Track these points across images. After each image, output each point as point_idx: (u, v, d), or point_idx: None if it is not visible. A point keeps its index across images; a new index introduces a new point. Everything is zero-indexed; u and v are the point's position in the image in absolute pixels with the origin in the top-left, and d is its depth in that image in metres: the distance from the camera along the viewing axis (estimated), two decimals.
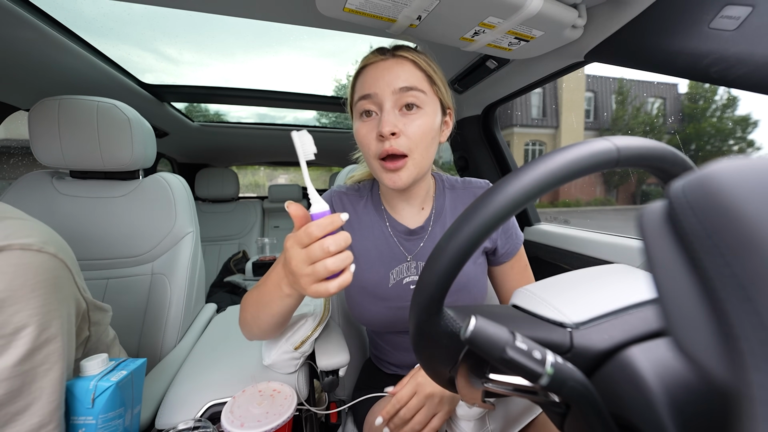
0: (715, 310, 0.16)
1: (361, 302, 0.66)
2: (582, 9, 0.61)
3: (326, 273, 0.39)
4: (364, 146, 0.58)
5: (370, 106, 0.56)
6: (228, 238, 2.50)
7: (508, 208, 0.27)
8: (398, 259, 0.66)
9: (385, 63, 0.57)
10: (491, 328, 0.24)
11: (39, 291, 0.43)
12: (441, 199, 0.68)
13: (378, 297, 0.65)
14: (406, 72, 0.56)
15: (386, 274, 0.65)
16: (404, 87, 0.54)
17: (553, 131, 12.46)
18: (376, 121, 0.56)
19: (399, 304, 0.64)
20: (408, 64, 0.56)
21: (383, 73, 0.56)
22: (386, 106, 0.55)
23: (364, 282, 0.66)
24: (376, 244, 0.66)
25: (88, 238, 0.90)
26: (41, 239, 0.46)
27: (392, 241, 0.66)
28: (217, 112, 2.12)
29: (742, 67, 0.47)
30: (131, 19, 1.15)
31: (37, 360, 0.42)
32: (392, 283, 0.65)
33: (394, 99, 0.55)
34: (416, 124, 0.55)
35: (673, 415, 0.24)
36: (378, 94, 0.55)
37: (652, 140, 0.30)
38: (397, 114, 0.55)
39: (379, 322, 0.67)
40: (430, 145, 0.57)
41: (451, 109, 0.63)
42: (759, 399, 0.14)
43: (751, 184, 0.15)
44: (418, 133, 0.55)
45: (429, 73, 0.58)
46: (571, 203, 9.87)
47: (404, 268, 0.65)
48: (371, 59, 0.58)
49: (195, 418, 0.58)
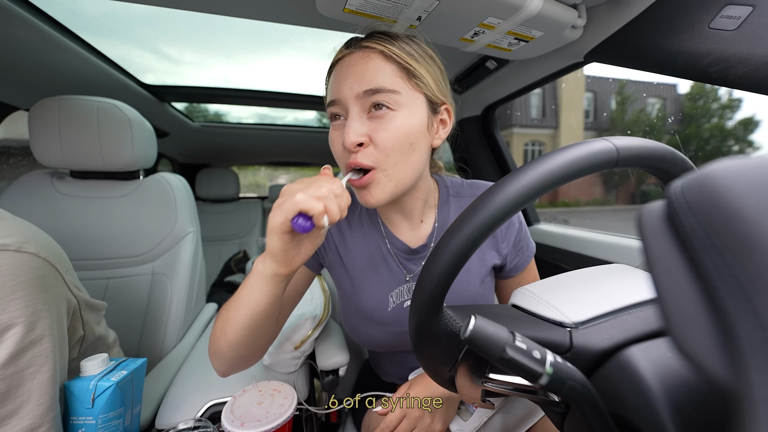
0: (715, 310, 0.16)
1: (358, 326, 0.60)
2: (582, 9, 0.61)
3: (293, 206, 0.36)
4: (335, 155, 0.50)
5: (338, 110, 0.48)
6: (228, 238, 2.50)
7: (508, 208, 0.27)
8: (398, 280, 0.59)
9: (350, 58, 0.47)
10: (491, 328, 0.24)
11: (21, 292, 0.42)
12: (445, 210, 0.59)
13: (376, 322, 0.59)
14: (372, 69, 0.45)
15: (385, 297, 0.58)
16: (369, 90, 0.45)
17: (553, 131, 12.47)
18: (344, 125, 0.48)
19: (399, 329, 0.59)
20: (375, 56, 0.46)
21: (347, 72, 0.47)
22: (352, 112, 0.46)
23: (361, 306, 0.59)
24: (373, 263, 0.59)
25: (89, 238, 0.90)
26: (20, 239, 0.44)
27: (391, 260, 0.59)
28: (217, 113, 2.12)
29: (742, 67, 0.47)
30: (131, 19, 1.15)
31: (24, 362, 0.41)
32: (392, 307, 0.58)
33: (359, 104, 0.46)
34: (387, 129, 0.45)
35: (672, 415, 0.24)
36: (341, 99, 0.47)
37: (651, 140, 0.30)
38: (365, 119, 0.46)
39: (377, 345, 0.62)
40: (408, 153, 0.47)
41: (447, 104, 0.52)
42: (759, 399, 0.14)
43: (751, 184, 0.15)
44: (389, 141, 0.45)
45: (405, 64, 0.46)
46: (570, 203, 9.87)
47: (405, 290, 0.58)
48: (338, 54, 0.50)
49: (195, 418, 0.58)
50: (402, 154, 0.47)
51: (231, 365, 0.50)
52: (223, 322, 0.46)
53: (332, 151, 0.51)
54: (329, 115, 0.51)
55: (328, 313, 0.77)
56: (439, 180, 0.63)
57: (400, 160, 0.47)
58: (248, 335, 0.45)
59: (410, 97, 0.47)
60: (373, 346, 0.63)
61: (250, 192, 3.23)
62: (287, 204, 0.36)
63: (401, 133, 0.46)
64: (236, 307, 0.44)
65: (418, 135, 0.48)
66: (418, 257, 0.59)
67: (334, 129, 0.50)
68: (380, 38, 0.47)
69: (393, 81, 0.46)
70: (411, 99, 0.47)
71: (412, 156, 0.48)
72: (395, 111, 0.46)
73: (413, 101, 0.47)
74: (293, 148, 2.44)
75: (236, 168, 2.86)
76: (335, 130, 0.49)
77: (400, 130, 0.46)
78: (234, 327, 0.45)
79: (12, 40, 0.82)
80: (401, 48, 0.47)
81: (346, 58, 0.48)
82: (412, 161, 0.48)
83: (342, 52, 0.49)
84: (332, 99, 0.48)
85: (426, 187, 0.57)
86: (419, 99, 0.48)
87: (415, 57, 0.48)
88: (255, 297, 0.43)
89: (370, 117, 0.46)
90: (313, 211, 0.36)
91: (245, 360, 0.50)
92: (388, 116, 0.46)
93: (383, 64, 0.46)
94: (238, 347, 0.47)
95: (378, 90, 0.45)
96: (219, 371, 0.52)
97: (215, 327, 0.48)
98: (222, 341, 0.47)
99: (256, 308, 0.43)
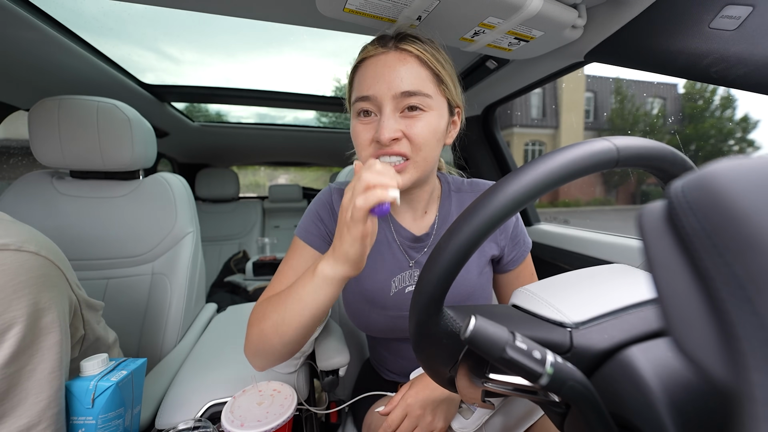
0: (715, 310, 0.16)
1: (360, 309, 0.64)
2: (582, 9, 0.61)
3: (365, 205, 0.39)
4: (360, 146, 0.54)
5: (369, 107, 0.52)
6: (228, 238, 2.50)
7: (508, 208, 0.27)
8: (401, 266, 0.62)
9: (386, 58, 0.51)
10: (491, 328, 0.24)
11: (23, 291, 0.42)
12: (447, 203, 0.64)
13: (378, 305, 0.62)
14: (410, 72, 0.50)
15: (388, 282, 0.62)
16: (406, 92, 0.49)
17: (553, 131, 12.46)
18: (375, 123, 0.52)
19: (400, 313, 0.62)
20: (412, 60, 0.51)
21: (383, 71, 0.50)
22: (386, 110, 0.50)
23: (364, 289, 0.62)
24: (378, 249, 0.63)
25: (88, 238, 0.90)
26: (19, 239, 0.44)
27: (396, 247, 0.63)
28: (217, 112, 2.12)
29: (742, 67, 0.47)
30: (132, 19, 1.15)
31: (23, 361, 0.41)
32: (394, 292, 0.62)
33: (394, 103, 0.50)
34: (419, 125, 0.51)
35: (672, 415, 0.24)
36: (377, 96, 0.50)
37: (651, 140, 0.30)
38: (398, 117, 0.51)
39: (377, 329, 0.65)
40: (434, 148, 0.53)
41: (460, 108, 0.59)
42: (760, 399, 0.14)
43: (751, 184, 0.15)
44: (421, 136, 0.51)
45: (437, 70, 0.52)
46: (570, 203, 9.88)
47: (407, 276, 0.62)
48: (371, 51, 0.52)
49: (195, 418, 0.58)
50: (430, 150, 0.53)
51: (278, 360, 0.54)
52: (277, 324, 0.49)
53: (355, 143, 0.55)
54: (357, 109, 0.53)
55: (329, 314, 0.77)
56: (442, 176, 0.68)
57: (429, 154, 0.53)
58: (306, 333, 0.50)
59: (438, 100, 0.53)
60: (373, 331, 0.66)
61: (250, 192, 3.23)
62: (368, 194, 0.39)
63: (431, 131, 0.52)
64: (297, 310, 0.47)
65: (441, 133, 0.54)
66: (421, 245, 0.63)
67: (362, 124, 0.53)
68: (415, 42, 0.52)
69: (427, 86, 0.51)
70: (438, 102, 0.53)
71: (436, 151, 0.54)
72: (426, 112, 0.51)
73: (440, 104, 0.53)
74: (293, 147, 2.44)
75: (236, 168, 2.86)
76: (364, 125, 0.53)
77: (430, 128, 0.51)
78: (294, 327, 0.48)
79: (12, 40, 0.82)
80: (433, 55, 0.52)
81: (381, 56, 0.51)
82: (434, 155, 0.55)
83: (376, 49, 0.52)
84: (365, 95, 0.51)
85: (433, 181, 0.63)
86: (443, 102, 0.54)
87: (443, 64, 0.53)
88: (321, 299, 0.46)
89: (403, 116, 0.51)
90: (388, 187, 0.39)
91: (292, 353, 0.54)
92: (420, 116, 0.51)
93: (419, 68, 0.51)
94: (294, 344, 0.50)
95: (415, 93, 0.50)
96: (260, 367, 0.55)
97: (263, 328, 0.50)
98: (276, 341, 0.49)
99: (318, 309, 0.47)
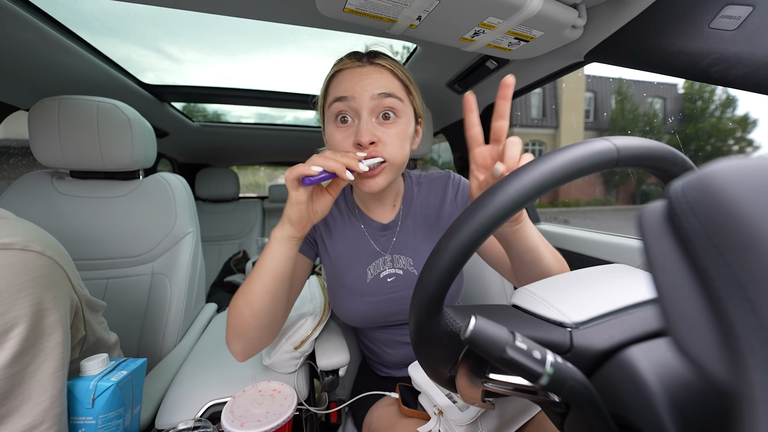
0: (715, 310, 0.16)
1: (342, 300, 0.68)
2: (582, 9, 0.61)
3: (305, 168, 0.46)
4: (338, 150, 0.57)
5: (346, 110, 0.55)
6: (228, 238, 2.50)
7: (509, 208, 0.27)
8: (374, 254, 0.68)
9: (363, 69, 0.56)
10: (491, 328, 0.24)
11: (27, 290, 0.42)
12: (410, 195, 0.72)
13: (357, 293, 0.67)
14: (385, 79, 0.56)
15: (363, 270, 0.67)
16: (383, 93, 0.54)
17: (553, 131, 12.46)
18: (353, 128, 0.55)
19: (378, 298, 0.66)
20: (386, 72, 0.57)
21: (360, 78, 0.55)
22: (363, 114, 0.54)
23: (344, 280, 0.68)
24: (352, 243, 0.69)
25: (88, 238, 0.90)
26: (25, 238, 0.44)
27: (366, 238, 0.69)
28: (216, 112, 2.12)
29: (742, 67, 0.47)
30: (132, 19, 1.15)
31: (26, 360, 0.41)
32: (370, 279, 0.67)
33: (372, 105, 0.54)
34: (393, 132, 0.56)
35: (673, 415, 0.24)
36: (355, 97, 0.54)
37: (651, 140, 0.30)
38: (374, 122, 0.55)
39: (361, 318, 0.68)
40: (406, 152, 0.59)
41: (422, 118, 0.66)
42: (760, 399, 0.14)
43: (751, 184, 0.15)
44: (396, 141, 0.56)
45: (406, 82, 0.59)
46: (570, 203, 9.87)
47: (380, 262, 0.68)
48: (347, 64, 0.57)
49: (195, 418, 0.58)
50: (403, 154, 0.58)
51: (255, 340, 0.55)
52: (245, 295, 0.52)
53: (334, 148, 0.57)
54: (333, 114, 0.57)
55: (328, 313, 0.77)
56: (405, 173, 0.76)
57: (402, 158, 0.58)
58: (272, 300, 0.52)
59: (407, 108, 0.59)
60: (358, 321, 0.69)
61: (250, 192, 3.23)
62: (293, 168, 0.46)
63: (403, 136, 0.57)
64: (259, 276, 0.51)
65: (410, 138, 0.61)
66: (389, 232, 0.70)
67: (340, 130, 0.57)
68: (386, 58, 0.59)
69: (399, 91, 0.57)
70: (408, 110, 0.59)
71: (407, 155, 0.60)
72: (400, 119, 0.57)
73: (409, 112, 0.59)
74: (293, 147, 2.44)
75: (236, 168, 2.86)
76: (341, 131, 0.56)
77: (402, 133, 0.57)
78: (259, 294, 0.51)
79: (12, 39, 0.82)
80: (401, 70, 0.59)
81: (358, 68, 0.57)
82: (406, 158, 0.60)
83: (352, 63, 0.57)
84: (344, 95, 0.55)
85: (399, 179, 0.71)
86: (411, 111, 0.61)
87: (410, 78, 0.61)
88: (276, 260, 0.51)
89: (379, 122, 0.56)
90: (330, 167, 0.46)
91: (268, 331, 0.56)
92: (395, 122, 0.57)
93: (392, 77, 0.57)
94: (263, 314, 0.53)
95: (391, 94, 0.55)
96: (240, 353, 0.56)
97: (235, 307, 0.53)
98: (246, 313, 0.52)
99: (276, 271, 0.51)
